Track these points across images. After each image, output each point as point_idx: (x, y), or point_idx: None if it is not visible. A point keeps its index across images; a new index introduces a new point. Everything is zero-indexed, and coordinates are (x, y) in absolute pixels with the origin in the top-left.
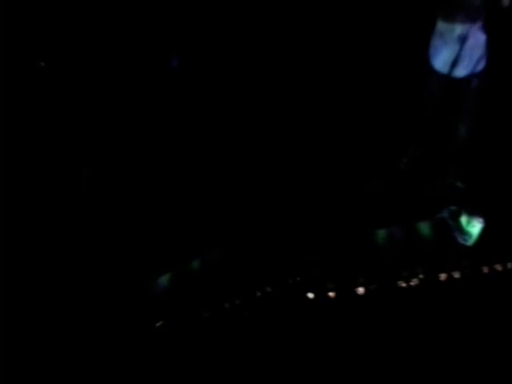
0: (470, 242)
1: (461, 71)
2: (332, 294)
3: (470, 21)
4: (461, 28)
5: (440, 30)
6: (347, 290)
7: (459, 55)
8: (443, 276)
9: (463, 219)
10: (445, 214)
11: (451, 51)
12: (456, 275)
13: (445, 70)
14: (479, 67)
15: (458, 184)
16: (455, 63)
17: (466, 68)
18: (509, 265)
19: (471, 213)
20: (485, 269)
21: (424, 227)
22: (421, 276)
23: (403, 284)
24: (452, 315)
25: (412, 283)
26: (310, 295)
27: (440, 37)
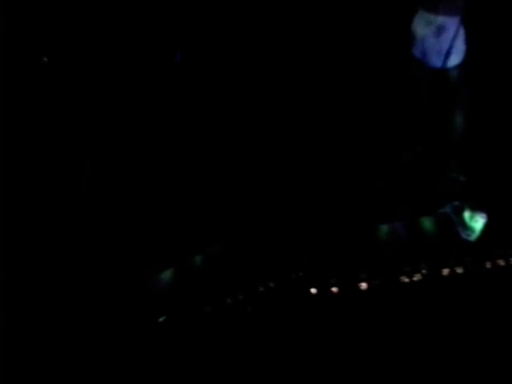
0: (473, 238)
1: (441, 62)
2: (335, 290)
3: (451, 11)
4: (441, 19)
5: (421, 20)
6: (350, 286)
7: (439, 46)
8: (446, 271)
9: (466, 214)
10: (448, 209)
11: (431, 42)
12: (459, 270)
13: (425, 61)
14: (459, 58)
15: (461, 179)
16: (435, 54)
17: (447, 59)
18: None
19: (474, 208)
20: (488, 264)
21: (427, 222)
22: (424, 271)
23: (406, 279)
24: (455, 310)
25: (415, 278)
26: (313, 290)
27: (421, 27)
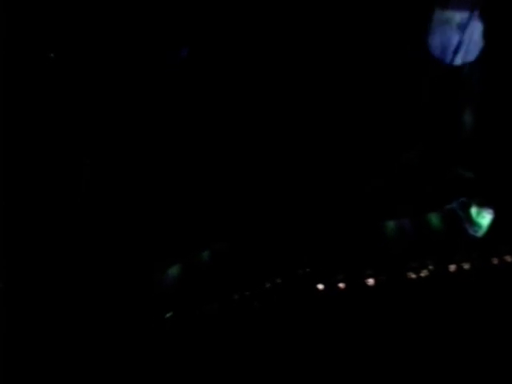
0: (480, 233)
1: (459, 59)
2: (342, 285)
3: (469, 8)
4: (459, 15)
5: (438, 18)
6: (357, 281)
7: (458, 43)
8: (453, 267)
9: (473, 210)
10: (454, 205)
11: (449, 39)
12: (466, 266)
13: (443, 58)
14: (477, 55)
15: (468, 175)
16: (453, 51)
17: (465, 56)
18: None
19: (481, 204)
20: (495, 260)
21: (434, 218)
22: (430, 267)
23: (413, 275)
24: (462, 306)
25: (422, 274)
26: (320, 286)
27: (438, 24)
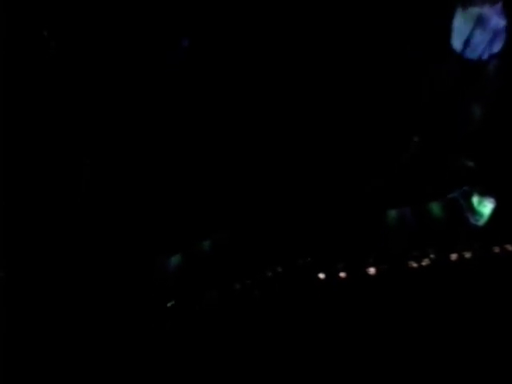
0: (482, 222)
1: (480, 53)
2: (343, 275)
3: (490, 2)
4: (480, 10)
5: (460, 12)
6: (358, 271)
7: (479, 37)
8: (454, 256)
9: (475, 199)
10: (456, 194)
11: (470, 33)
12: (467, 255)
13: (464, 52)
14: (498, 49)
15: (470, 164)
16: (474, 45)
17: (485, 50)
18: None
19: (483, 193)
20: (496, 249)
21: (435, 207)
22: (432, 256)
23: (414, 264)
24: (464, 295)
25: (423, 263)
26: (321, 275)
27: (460, 18)
